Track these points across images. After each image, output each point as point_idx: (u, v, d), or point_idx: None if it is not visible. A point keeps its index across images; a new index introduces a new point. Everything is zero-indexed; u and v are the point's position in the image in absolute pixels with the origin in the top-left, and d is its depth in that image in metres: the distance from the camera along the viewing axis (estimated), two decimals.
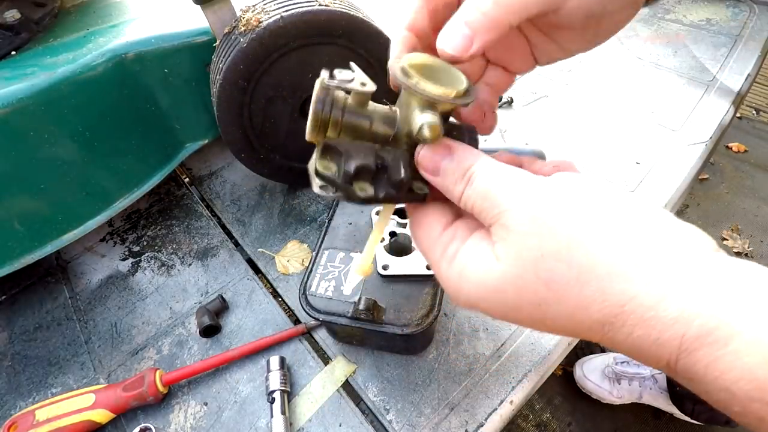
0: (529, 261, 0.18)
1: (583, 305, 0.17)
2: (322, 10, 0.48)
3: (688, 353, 0.15)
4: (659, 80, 0.77)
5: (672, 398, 0.90)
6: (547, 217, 0.18)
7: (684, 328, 0.15)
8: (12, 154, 0.48)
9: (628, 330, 0.16)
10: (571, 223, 0.18)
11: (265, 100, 0.53)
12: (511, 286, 0.19)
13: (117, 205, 0.58)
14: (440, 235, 0.22)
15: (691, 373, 0.16)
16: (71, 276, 0.61)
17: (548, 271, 0.18)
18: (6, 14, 0.55)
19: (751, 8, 0.90)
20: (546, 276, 0.18)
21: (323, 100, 0.21)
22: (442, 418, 0.43)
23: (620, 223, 0.17)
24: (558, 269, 0.18)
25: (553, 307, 0.18)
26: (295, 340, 0.50)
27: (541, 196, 0.19)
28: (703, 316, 0.15)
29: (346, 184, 0.21)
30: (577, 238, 0.17)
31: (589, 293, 0.17)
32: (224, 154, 0.73)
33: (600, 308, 0.17)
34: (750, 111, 1.90)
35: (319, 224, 0.61)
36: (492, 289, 0.19)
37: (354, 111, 0.21)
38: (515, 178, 0.20)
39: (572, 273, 0.17)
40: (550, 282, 0.18)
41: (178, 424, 0.45)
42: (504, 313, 0.20)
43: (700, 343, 0.15)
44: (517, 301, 0.19)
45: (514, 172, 0.20)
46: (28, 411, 0.43)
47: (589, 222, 0.18)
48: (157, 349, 0.51)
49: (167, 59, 0.56)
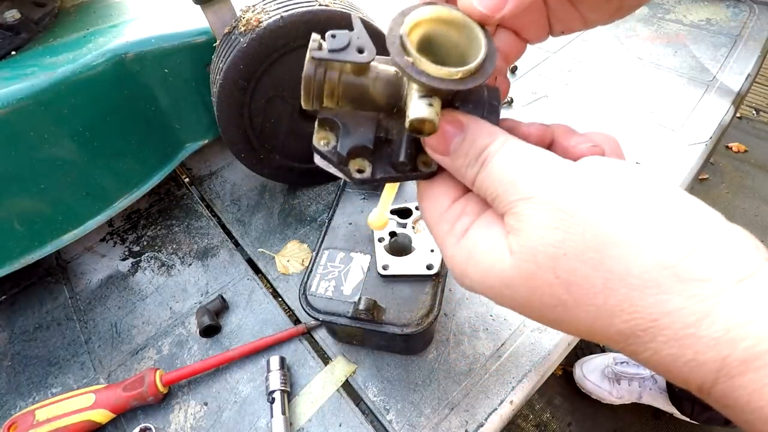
0: (548, 259, 0.16)
1: (608, 314, 0.15)
2: (322, 10, 0.48)
3: (729, 378, 0.14)
4: (659, 80, 0.77)
5: (671, 399, 0.90)
6: (573, 211, 0.16)
7: (728, 350, 0.13)
8: (12, 154, 0.48)
9: (657, 347, 0.15)
10: (601, 220, 0.15)
11: (265, 100, 0.53)
12: (524, 283, 0.17)
13: (117, 205, 0.58)
14: (448, 209, 0.20)
15: (730, 399, 0.14)
16: (71, 276, 0.61)
17: (570, 273, 0.16)
18: (6, 14, 0.54)
19: (751, 8, 0.90)
20: (566, 278, 0.16)
21: (313, 71, 0.19)
22: (442, 418, 0.43)
23: (659, 224, 0.15)
24: (582, 272, 0.16)
25: (571, 312, 0.16)
26: (295, 340, 0.50)
27: (567, 186, 0.16)
28: (751, 337, 0.13)
29: (341, 165, 0.19)
30: (608, 240, 0.15)
31: (615, 302, 0.15)
32: (224, 154, 0.73)
33: (627, 319, 0.15)
34: (750, 111, 1.90)
35: (319, 224, 0.61)
36: (502, 282, 0.17)
37: (351, 79, 0.19)
38: (537, 163, 0.17)
39: (598, 278, 0.15)
40: (571, 285, 0.16)
41: (178, 424, 0.45)
42: (512, 306, 0.18)
43: (745, 368, 0.13)
44: (529, 299, 0.17)
45: (536, 155, 0.18)
46: (28, 411, 0.43)
47: (623, 221, 0.15)
48: (157, 349, 0.51)
49: (167, 59, 0.56)
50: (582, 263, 0.16)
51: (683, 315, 0.14)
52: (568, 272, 0.16)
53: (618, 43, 0.87)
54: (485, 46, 0.17)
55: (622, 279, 0.15)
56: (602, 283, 0.15)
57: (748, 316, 0.13)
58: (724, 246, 0.15)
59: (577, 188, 0.16)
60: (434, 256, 0.42)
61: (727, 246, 0.15)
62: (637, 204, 0.16)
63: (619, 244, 0.15)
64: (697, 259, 0.14)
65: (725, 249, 0.15)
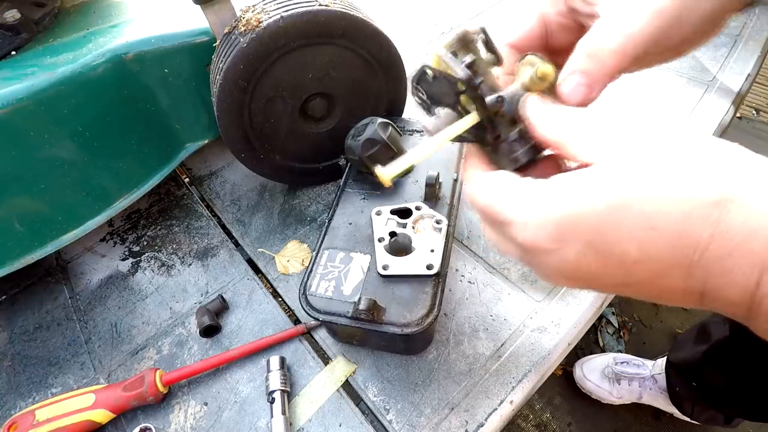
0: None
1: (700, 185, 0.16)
2: (322, 10, 0.48)
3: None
4: (659, 80, 0.77)
5: (671, 399, 0.90)
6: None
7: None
8: (12, 154, 0.48)
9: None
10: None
11: (265, 100, 0.53)
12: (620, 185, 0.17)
13: (117, 205, 0.58)
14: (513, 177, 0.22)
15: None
16: (71, 276, 0.61)
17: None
18: (6, 14, 0.54)
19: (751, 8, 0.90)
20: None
21: (466, 35, 0.23)
22: (442, 418, 0.43)
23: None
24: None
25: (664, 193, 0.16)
26: (295, 340, 0.50)
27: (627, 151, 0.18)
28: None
29: (466, 67, 0.23)
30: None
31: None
32: (224, 154, 0.73)
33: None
34: (750, 111, 1.90)
35: (319, 224, 0.61)
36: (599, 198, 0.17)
37: (483, 62, 0.24)
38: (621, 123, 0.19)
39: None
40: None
41: (178, 424, 0.45)
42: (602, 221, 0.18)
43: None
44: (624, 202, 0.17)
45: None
46: (28, 411, 0.43)
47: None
48: (157, 349, 0.51)
49: (167, 59, 0.56)
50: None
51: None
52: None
53: None
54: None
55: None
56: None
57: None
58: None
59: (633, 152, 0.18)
60: (434, 256, 0.42)
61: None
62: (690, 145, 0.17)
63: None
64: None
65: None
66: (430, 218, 0.45)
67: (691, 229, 0.16)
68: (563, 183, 0.18)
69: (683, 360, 0.83)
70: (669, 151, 0.17)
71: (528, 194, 0.20)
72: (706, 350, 0.76)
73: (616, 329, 1.12)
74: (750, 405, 0.71)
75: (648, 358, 0.98)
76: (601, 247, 0.17)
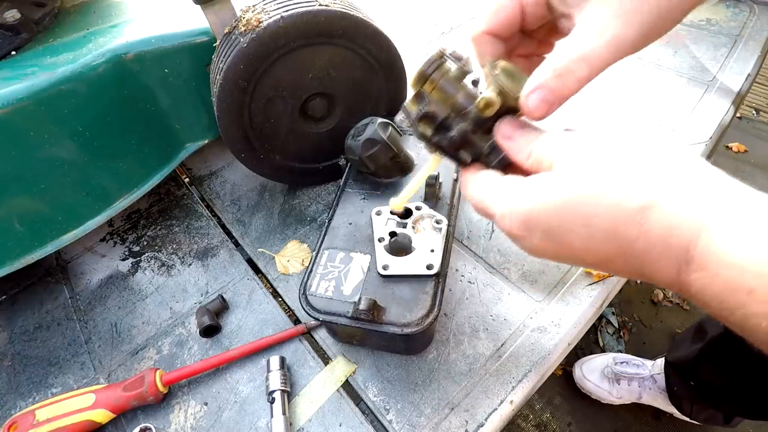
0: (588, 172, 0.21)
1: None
2: (322, 10, 0.48)
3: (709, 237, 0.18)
4: (659, 80, 0.77)
5: (670, 398, 0.90)
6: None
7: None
8: (12, 154, 0.48)
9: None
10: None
11: (265, 100, 0.53)
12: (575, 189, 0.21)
13: (117, 205, 0.58)
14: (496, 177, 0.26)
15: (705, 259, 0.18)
16: (71, 276, 0.61)
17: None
18: (6, 14, 0.54)
19: (751, 8, 0.90)
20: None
21: (433, 62, 0.26)
22: (442, 418, 0.43)
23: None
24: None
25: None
26: (295, 340, 0.50)
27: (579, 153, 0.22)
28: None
29: (416, 121, 0.27)
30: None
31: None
32: (224, 154, 0.73)
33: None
34: (750, 111, 1.90)
35: (319, 224, 0.61)
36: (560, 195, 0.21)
37: (450, 80, 0.26)
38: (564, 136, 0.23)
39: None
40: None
41: (178, 424, 0.45)
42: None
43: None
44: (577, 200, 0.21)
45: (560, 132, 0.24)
46: (29, 411, 0.43)
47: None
48: (157, 349, 0.51)
49: (167, 59, 0.56)
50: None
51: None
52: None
53: None
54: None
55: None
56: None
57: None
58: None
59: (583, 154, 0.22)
60: (434, 256, 0.42)
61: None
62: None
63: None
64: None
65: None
66: (430, 218, 0.46)
67: (620, 228, 0.20)
68: (529, 184, 0.23)
69: (680, 359, 0.83)
70: (609, 162, 0.21)
71: (505, 192, 0.24)
72: (701, 348, 0.76)
73: (616, 329, 1.12)
74: (748, 403, 0.71)
75: (648, 358, 0.98)
76: (555, 237, 0.22)
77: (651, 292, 1.28)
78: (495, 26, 0.28)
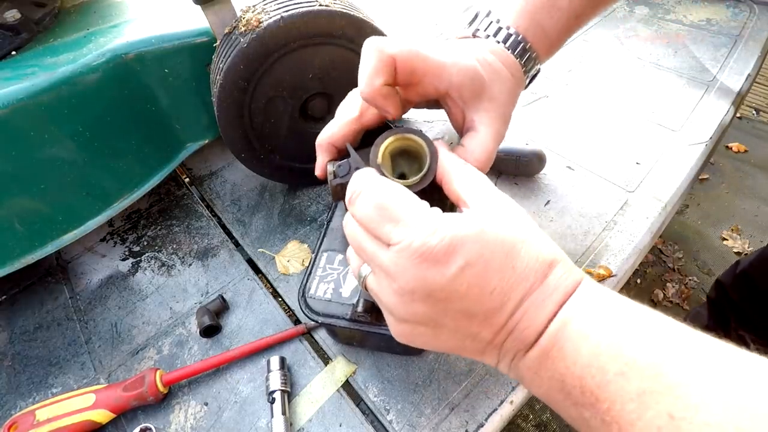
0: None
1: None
2: (322, 10, 0.48)
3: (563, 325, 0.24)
4: (659, 80, 0.77)
5: None
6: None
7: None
8: (12, 154, 0.48)
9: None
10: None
11: (266, 100, 0.53)
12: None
13: (117, 205, 0.58)
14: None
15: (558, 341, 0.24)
16: (71, 276, 0.61)
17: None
18: (6, 14, 0.54)
19: (751, 8, 0.90)
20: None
21: (332, 187, 0.35)
22: (443, 418, 0.43)
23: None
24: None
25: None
26: (295, 341, 0.50)
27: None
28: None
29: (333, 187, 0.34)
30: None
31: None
32: (224, 154, 0.73)
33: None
34: (750, 111, 1.90)
35: (319, 224, 0.61)
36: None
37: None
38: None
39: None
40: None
41: (178, 424, 0.45)
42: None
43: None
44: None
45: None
46: (29, 411, 0.43)
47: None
48: (157, 349, 0.51)
49: (167, 59, 0.56)
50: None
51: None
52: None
53: (618, 43, 0.87)
54: (428, 156, 0.30)
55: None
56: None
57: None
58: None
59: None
60: None
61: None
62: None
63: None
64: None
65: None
66: None
67: (527, 274, 0.24)
68: (456, 214, 0.26)
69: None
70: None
71: (429, 211, 0.26)
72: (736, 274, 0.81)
73: None
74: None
75: None
76: (475, 268, 0.24)
77: (651, 292, 1.28)
78: (338, 139, 0.35)
